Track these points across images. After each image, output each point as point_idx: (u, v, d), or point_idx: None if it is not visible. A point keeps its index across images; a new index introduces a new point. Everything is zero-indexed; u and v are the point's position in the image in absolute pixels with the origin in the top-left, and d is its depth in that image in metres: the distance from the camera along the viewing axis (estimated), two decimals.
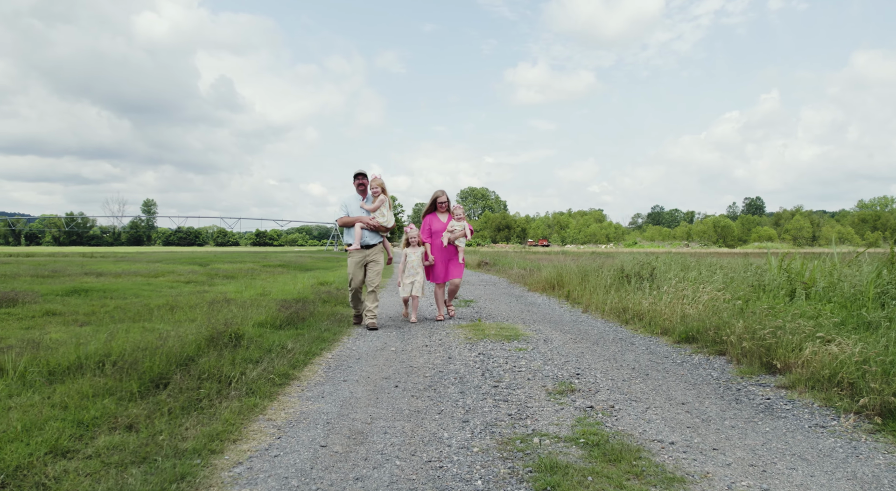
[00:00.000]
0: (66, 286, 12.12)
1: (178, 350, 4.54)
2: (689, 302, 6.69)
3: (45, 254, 54.39)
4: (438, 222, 8.23)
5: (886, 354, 3.84)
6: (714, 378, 4.53)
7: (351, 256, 7.42)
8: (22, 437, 2.99)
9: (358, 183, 7.58)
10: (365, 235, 7.45)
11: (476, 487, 2.54)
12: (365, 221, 7.40)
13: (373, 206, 7.46)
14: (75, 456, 2.84)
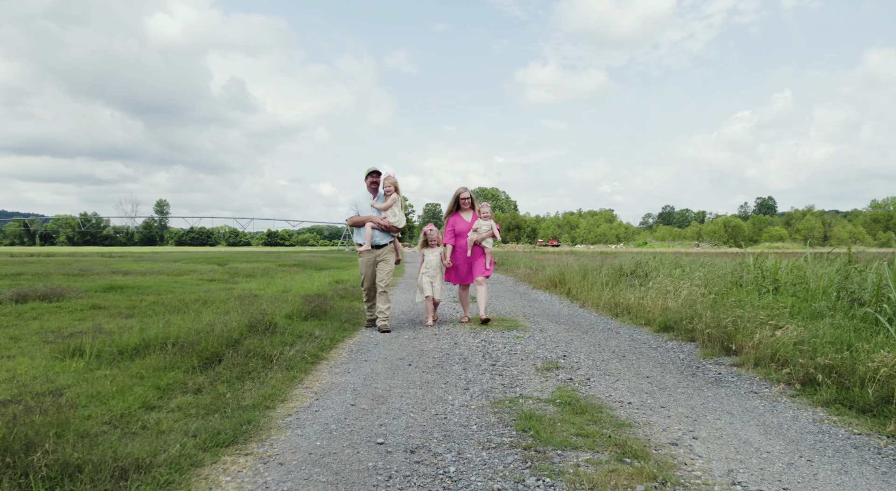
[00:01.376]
0: (101, 283, 13.04)
1: (226, 334, 5.38)
2: (671, 297, 7.46)
3: (65, 254, 55.78)
4: (462, 222, 7.83)
5: (818, 336, 4.60)
6: (680, 359, 5.31)
7: (361, 255, 7.35)
8: (118, 396, 3.83)
9: (370, 181, 7.47)
10: (375, 235, 7.34)
11: (472, 429, 3.34)
12: (376, 221, 7.29)
13: (384, 205, 7.34)
14: (162, 409, 3.67)
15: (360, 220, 7.32)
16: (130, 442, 2.92)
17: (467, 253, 7.63)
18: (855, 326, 4.77)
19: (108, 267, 22.51)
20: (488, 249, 7.74)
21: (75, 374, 4.47)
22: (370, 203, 7.40)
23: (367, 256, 7.31)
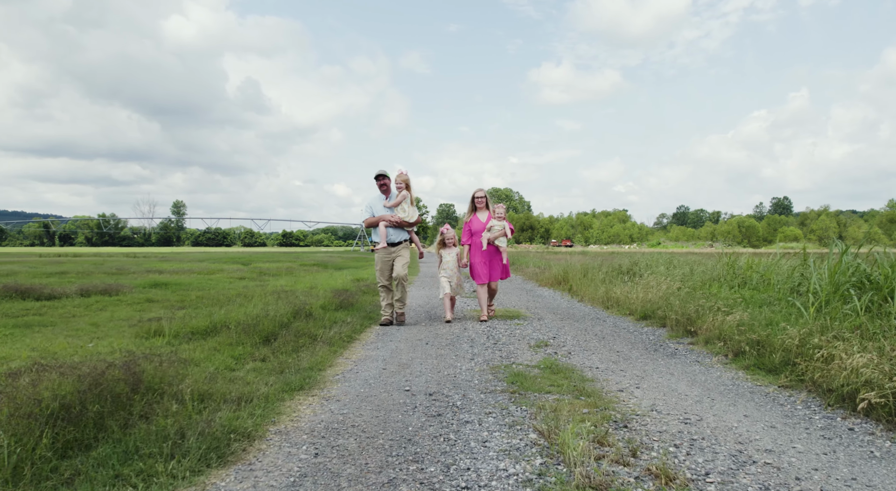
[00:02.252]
0: (146, 281, 14.36)
1: (278, 319, 6.60)
2: (653, 291, 8.57)
3: (90, 254, 57.66)
4: (478, 222, 8.20)
5: (756, 319, 5.71)
6: (650, 340, 6.44)
7: (378, 253, 7.74)
8: (206, 361, 5.03)
9: (380, 183, 7.82)
10: (390, 233, 7.69)
11: (474, 382, 4.50)
12: (387, 219, 7.66)
13: (394, 202, 7.70)
14: (240, 370, 4.86)
15: (374, 220, 7.74)
16: (231, 386, 4.13)
17: (482, 248, 7.98)
18: (788, 311, 5.86)
19: (141, 267, 23.93)
20: (502, 247, 8.13)
21: (164, 347, 5.70)
22: (382, 204, 7.80)
23: (382, 254, 7.69)
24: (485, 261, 8.05)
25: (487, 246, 7.98)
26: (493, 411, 3.70)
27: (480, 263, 8.05)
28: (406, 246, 7.85)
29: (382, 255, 7.68)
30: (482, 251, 8.01)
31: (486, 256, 8.04)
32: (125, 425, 3.09)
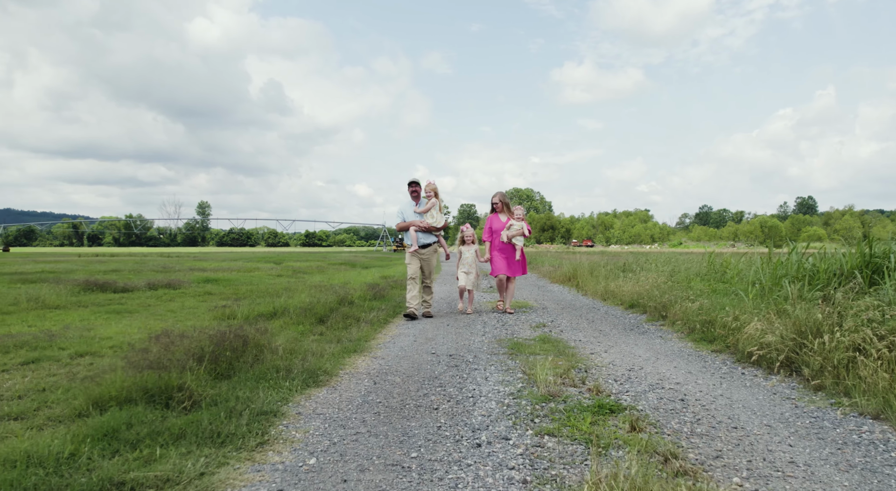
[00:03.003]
0: (197, 277, 16.07)
1: (328, 305, 8.15)
2: (642, 284, 9.96)
3: (125, 254, 60.30)
4: (498, 222, 8.96)
5: (714, 305, 7.09)
6: (630, 323, 7.86)
7: (409, 256, 8.52)
8: (280, 334, 6.58)
9: (411, 190, 8.62)
10: (420, 237, 8.45)
11: (483, 349, 5.97)
12: (417, 224, 8.42)
13: (423, 208, 8.46)
14: (306, 340, 6.39)
15: (406, 225, 8.52)
16: (307, 347, 5.66)
17: (498, 248, 8.82)
18: (741, 299, 7.24)
19: (183, 265, 25.80)
20: (519, 245, 8.88)
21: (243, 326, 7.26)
22: (413, 209, 8.56)
23: (412, 257, 8.51)
24: (503, 256, 8.88)
25: (507, 244, 8.81)
26: (495, 363, 5.18)
27: (499, 258, 8.88)
28: (434, 249, 8.66)
29: (411, 257, 8.54)
30: (501, 248, 8.86)
31: (504, 252, 8.88)
32: (250, 365, 4.64)
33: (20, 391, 4.19)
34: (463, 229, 9.17)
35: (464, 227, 9.14)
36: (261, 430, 3.28)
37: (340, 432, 3.32)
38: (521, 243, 8.89)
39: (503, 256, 8.87)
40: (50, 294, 10.98)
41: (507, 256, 8.87)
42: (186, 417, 3.36)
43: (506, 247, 8.85)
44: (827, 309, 4.71)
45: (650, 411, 3.64)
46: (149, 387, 3.70)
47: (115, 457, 2.81)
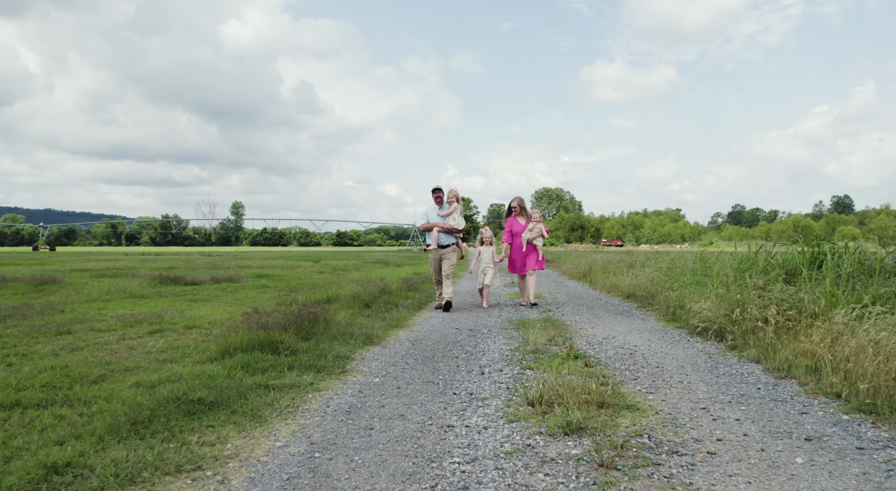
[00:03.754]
0: (251, 273, 18.02)
1: (372, 293, 9.89)
2: (639, 278, 11.48)
3: (169, 253, 63.32)
4: (518, 225, 9.84)
5: (692, 294, 8.60)
6: (621, 309, 9.42)
7: (430, 253, 9.58)
8: (338, 313, 8.31)
9: (435, 196, 9.64)
10: (441, 237, 9.44)
11: (497, 326, 7.61)
12: (439, 225, 9.37)
13: (446, 212, 9.41)
14: (358, 318, 8.11)
15: (429, 226, 9.48)
16: (360, 322, 7.37)
17: (522, 249, 9.79)
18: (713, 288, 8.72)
19: (230, 263, 27.93)
20: (539, 245, 9.78)
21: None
22: (436, 213, 9.54)
23: (434, 254, 9.53)
24: (522, 255, 9.82)
25: (526, 245, 9.77)
26: (503, 333, 6.83)
27: (519, 257, 9.82)
28: (453, 249, 9.59)
29: (434, 255, 9.57)
30: (521, 248, 9.78)
31: (526, 252, 9.80)
32: (322, 332, 6.37)
33: (163, 348, 5.97)
34: (482, 231, 10.22)
35: (483, 230, 10.22)
36: (340, 365, 5.00)
37: (392, 368, 5.01)
38: (541, 243, 9.86)
39: (522, 255, 9.86)
40: (134, 286, 12.95)
41: (526, 255, 9.83)
42: (291, 358, 5.09)
43: (527, 247, 9.79)
44: (752, 293, 6.25)
45: (605, 359, 5.25)
46: (261, 341, 5.45)
47: (254, 375, 4.54)
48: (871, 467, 2.74)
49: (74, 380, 4.47)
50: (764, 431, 3.26)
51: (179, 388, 3.96)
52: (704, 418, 3.51)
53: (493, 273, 9.84)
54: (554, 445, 3.05)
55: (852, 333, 4.36)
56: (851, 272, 6.77)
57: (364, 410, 3.75)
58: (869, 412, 3.53)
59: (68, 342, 6.29)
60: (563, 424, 3.28)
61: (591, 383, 3.96)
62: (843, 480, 2.61)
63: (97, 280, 14.92)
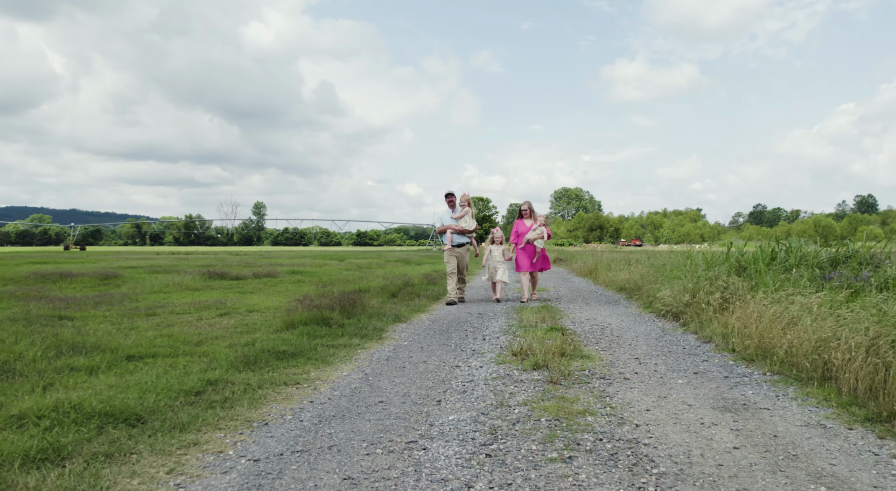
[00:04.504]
0: (286, 269, 19.79)
1: (397, 285, 11.54)
2: (632, 274, 12.98)
3: (199, 252, 65.89)
4: (524, 226, 10.71)
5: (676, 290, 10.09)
6: (610, 299, 10.94)
7: (446, 253, 10.64)
8: (370, 300, 9.96)
9: (448, 200, 10.71)
10: (455, 238, 10.46)
11: (501, 312, 9.20)
12: (453, 227, 10.46)
13: (458, 215, 10.50)
14: (387, 304, 9.74)
15: (443, 228, 10.67)
16: (390, 307, 9.01)
17: (532, 251, 10.66)
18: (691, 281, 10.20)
19: (260, 261, 29.82)
20: (539, 246, 10.70)
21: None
22: (450, 216, 10.64)
23: (448, 254, 10.60)
24: (527, 255, 10.73)
25: (529, 245, 10.65)
26: (505, 316, 8.42)
27: (524, 257, 10.73)
28: (467, 249, 10.71)
29: (448, 254, 10.65)
30: (525, 248, 10.67)
31: (528, 252, 10.67)
32: (360, 312, 8.02)
33: (235, 325, 7.64)
34: (493, 231, 11.19)
35: (494, 230, 11.18)
36: (378, 333, 6.65)
37: (416, 336, 6.64)
38: (542, 245, 10.74)
39: (527, 255, 10.72)
40: (186, 280, 14.75)
41: (530, 255, 10.74)
42: (340, 329, 6.75)
43: (529, 247, 10.70)
44: (705, 282, 7.77)
45: (581, 332, 6.82)
46: (315, 317, 7.12)
47: (315, 339, 6.19)
48: (725, 385, 4.30)
49: (182, 343, 6.15)
50: (669, 369, 4.83)
51: (267, 344, 5.63)
52: (633, 363, 5.08)
53: (503, 269, 10.81)
54: (524, 375, 4.65)
55: (757, 310, 5.88)
56: (794, 265, 8.24)
57: (397, 359, 5.38)
58: (748, 360, 5.08)
59: (158, 321, 7.99)
60: (533, 364, 4.88)
61: (559, 342, 5.55)
62: (700, 389, 4.17)
63: (152, 276, 16.77)
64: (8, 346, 5.54)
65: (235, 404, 3.83)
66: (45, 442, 2.94)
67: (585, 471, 2.69)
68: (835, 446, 3.01)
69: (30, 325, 6.95)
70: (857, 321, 4.47)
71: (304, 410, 3.76)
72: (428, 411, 3.68)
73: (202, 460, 2.88)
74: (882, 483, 2.56)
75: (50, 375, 4.53)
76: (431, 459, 2.85)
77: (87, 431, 3.18)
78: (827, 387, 4.04)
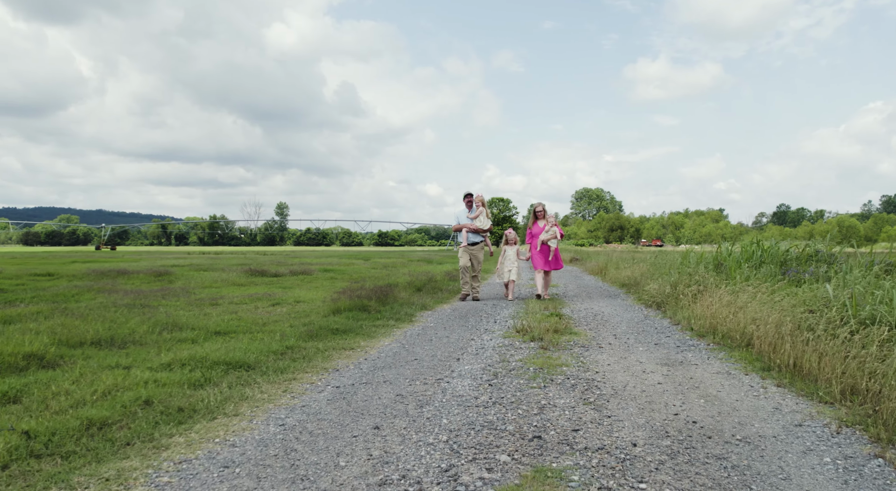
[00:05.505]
0: (318, 267, 21.40)
1: (422, 281, 13.04)
2: (634, 271, 14.32)
3: (227, 253, 68.19)
4: (537, 227, 11.24)
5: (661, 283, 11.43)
6: (611, 293, 12.31)
7: (460, 251, 11.31)
8: (400, 293, 11.46)
9: (466, 200, 11.34)
10: (469, 237, 11.09)
11: (513, 303, 10.62)
12: (468, 227, 11.11)
13: (474, 215, 11.18)
14: (414, 296, 11.23)
15: (459, 226, 11.31)
16: (417, 298, 10.50)
17: (537, 248, 11.21)
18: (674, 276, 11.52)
19: (290, 261, 31.54)
20: (553, 246, 11.14)
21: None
22: (466, 215, 11.27)
23: (463, 252, 11.27)
24: (541, 255, 11.23)
25: (543, 245, 11.18)
26: (515, 306, 9.85)
27: (538, 256, 11.25)
28: (481, 247, 11.42)
29: (463, 252, 11.33)
30: (539, 248, 11.18)
31: (542, 251, 11.15)
32: (392, 302, 9.53)
33: (288, 312, 9.16)
34: (507, 233, 11.72)
35: (507, 232, 11.73)
36: (409, 317, 8.14)
37: (440, 320, 8.11)
38: (555, 245, 11.21)
39: (542, 254, 11.18)
40: (232, 277, 16.40)
41: (545, 254, 11.23)
42: (377, 314, 8.25)
43: (545, 247, 11.17)
44: (685, 276, 9.12)
45: (576, 318, 8.22)
46: (356, 305, 8.62)
47: (359, 321, 7.69)
48: (674, 351, 5.70)
49: (251, 324, 7.67)
50: (636, 341, 6.24)
51: (323, 324, 7.15)
52: (610, 338, 6.50)
53: (516, 269, 11.47)
54: (523, 344, 6.09)
55: (717, 299, 7.25)
56: (764, 262, 9.56)
57: (426, 335, 6.86)
58: (700, 336, 6.47)
59: (223, 310, 9.54)
60: (531, 337, 6.32)
61: (553, 323, 6.98)
62: (653, 354, 5.58)
63: (198, 273, 18.47)
64: (121, 324, 7.13)
65: (312, 359, 5.34)
66: (198, 375, 4.46)
67: (553, 392, 4.14)
68: (728, 383, 4.41)
69: (130, 310, 8.55)
70: (781, 305, 5.85)
71: (362, 363, 5.26)
72: (450, 365, 5.15)
73: (302, 387, 4.38)
74: (743, 398, 3.97)
75: (167, 344, 6.08)
76: (453, 387, 4.32)
77: (218, 372, 4.69)
78: (746, 351, 5.44)
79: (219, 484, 2.64)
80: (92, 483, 2.64)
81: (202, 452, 3.01)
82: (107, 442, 3.12)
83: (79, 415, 3.48)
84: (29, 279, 15.88)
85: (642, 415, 3.60)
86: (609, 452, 2.95)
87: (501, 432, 3.26)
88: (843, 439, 3.14)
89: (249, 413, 3.71)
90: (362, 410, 3.76)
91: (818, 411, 3.64)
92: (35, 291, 12.15)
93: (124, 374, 4.53)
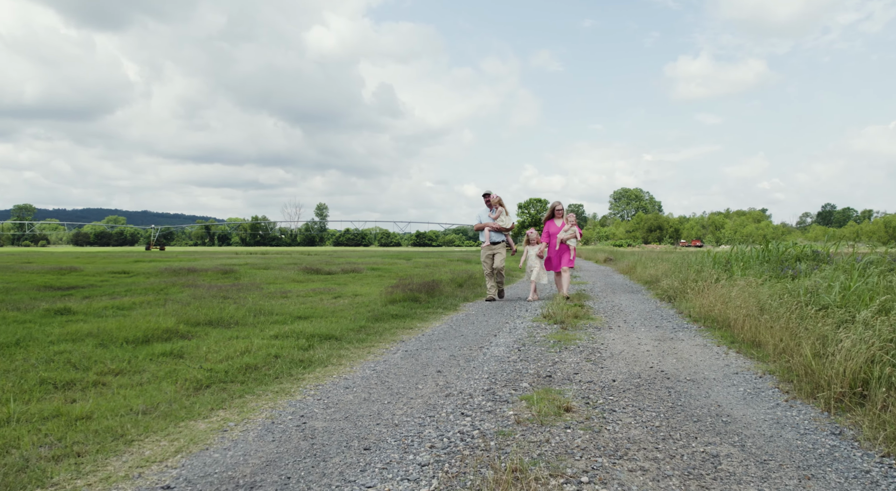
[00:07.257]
0: (366, 266, 23.14)
1: (463, 278, 14.58)
2: (657, 270, 15.57)
3: (273, 253, 71.07)
4: (555, 227, 11.19)
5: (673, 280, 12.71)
6: (633, 289, 13.62)
7: (483, 250, 11.34)
8: (444, 288, 13.01)
9: (486, 200, 11.41)
10: (492, 235, 11.19)
11: (543, 297, 12.06)
12: (489, 225, 11.18)
13: (494, 215, 11.23)
14: (456, 290, 12.76)
15: (481, 226, 11.31)
16: (456, 292, 12.02)
17: (556, 248, 11.35)
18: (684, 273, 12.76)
19: (336, 260, 33.45)
20: (572, 245, 11.16)
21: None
22: (487, 215, 11.35)
23: (486, 250, 11.33)
24: (557, 254, 11.24)
25: (561, 245, 11.24)
26: (545, 300, 11.29)
27: (554, 256, 11.28)
28: (504, 246, 11.42)
29: (485, 251, 11.35)
30: (556, 247, 11.21)
31: (559, 251, 11.25)
32: (439, 294, 11.08)
33: (349, 303, 10.78)
34: (528, 233, 11.65)
35: (529, 231, 11.68)
36: (454, 307, 9.69)
37: (480, 309, 9.62)
38: (574, 244, 11.18)
39: (557, 254, 11.23)
40: (290, 275, 18.22)
41: (560, 254, 11.17)
42: (426, 304, 9.81)
43: (563, 246, 11.16)
44: (693, 273, 10.43)
45: (597, 308, 9.62)
46: (408, 296, 10.20)
47: (412, 309, 9.25)
48: (669, 332, 7.09)
49: (323, 311, 9.31)
50: (641, 325, 7.64)
51: (383, 311, 8.74)
52: (621, 323, 7.91)
53: (538, 269, 11.29)
54: (548, 326, 7.56)
55: (715, 292, 8.58)
56: (767, 260, 10.79)
57: (469, 319, 8.38)
58: (695, 321, 7.83)
59: (294, 301, 11.22)
60: (555, 321, 7.79)
61: (574, 310, 8.43)
62: (652, 333, 6.98)
63: (259, 271, 20.39)
64: (221, 310, 8.84)
65: (382, 334, 6.94)
66: (303, 342, 6.08)
67: (565, 355, 5.62)
68: (700, 351, 5.82)
69: (220, 300, 10.31)
70: (758, 296, 7.19)
71: (420, 337, 6.82)
72: (489, 338, 6.67)
73: (381, 350, 5.96)
74: (706, 360, 5.38)
75: (262, 324, 7.74)
76: (491, 351, 5.83)
77: (316, 341, 6.30)
78: (725, 331, 6.81)
79: (344, 393, 4.22)
80: (268, 392, 4.25)
81: (328, 381, 4.61)
82: (263, 376, 4.74)
83: (234, 363, 5.11)
84: (109, 276, 17.99)
85: (626, 367, 5.06)
86: (595, 383, 4.44)
87: (524, 374, 4.77)
88: (761, 382, 4.54)
89: (349, 364, 5.30)
90: (427, 363, 5.31)
91: (756, 367, 5.04)
92: (123, 286, 14.09)
93: (247, 341, 6.19)
